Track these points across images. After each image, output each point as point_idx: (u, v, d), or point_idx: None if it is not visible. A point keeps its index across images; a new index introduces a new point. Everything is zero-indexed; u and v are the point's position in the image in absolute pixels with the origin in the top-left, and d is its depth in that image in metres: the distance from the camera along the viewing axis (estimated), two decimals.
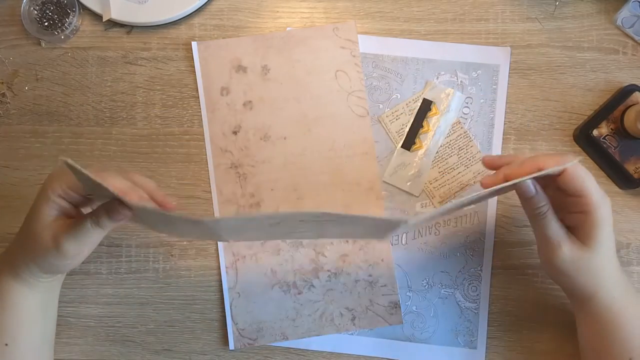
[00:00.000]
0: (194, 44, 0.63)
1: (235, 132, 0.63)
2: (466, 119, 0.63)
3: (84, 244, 0.47)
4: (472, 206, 0.62)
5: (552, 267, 0.49)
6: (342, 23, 0.63)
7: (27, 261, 0.49)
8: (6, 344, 0.50)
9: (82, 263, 0.62)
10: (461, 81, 0.63)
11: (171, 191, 0.63)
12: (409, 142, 0.62)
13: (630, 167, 0.59)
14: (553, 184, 0.48)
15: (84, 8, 0.64)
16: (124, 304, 0.62)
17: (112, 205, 0.45)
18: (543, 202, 0.48)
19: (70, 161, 0.40)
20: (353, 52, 0.63)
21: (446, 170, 0.62)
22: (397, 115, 0.63)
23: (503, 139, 0.62)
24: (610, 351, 0.49)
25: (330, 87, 0.63)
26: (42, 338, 0.53)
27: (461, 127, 0.63)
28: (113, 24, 0.64)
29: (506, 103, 0.63)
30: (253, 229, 0.49)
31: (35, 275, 0.49)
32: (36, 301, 0.51)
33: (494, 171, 0.51)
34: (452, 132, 0.62)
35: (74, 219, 0.48)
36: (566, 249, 0.47)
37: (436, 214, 0.46)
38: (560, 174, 0.47)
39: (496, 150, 0.62)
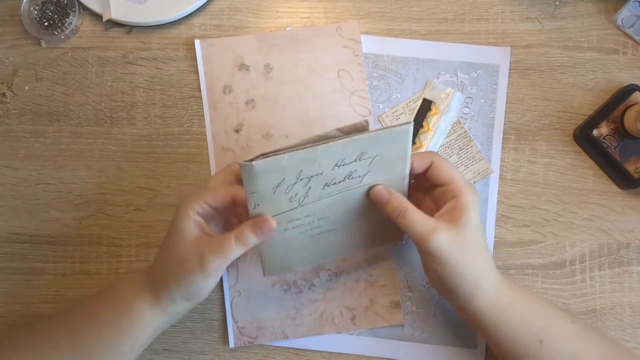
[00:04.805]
0: (197, 42, 0.63)
1: (237, 131, 0.63)
2: (466, 119, 0.63)
3: (226, 262, 0.48)
4: None
5: (430, 259, 0.48)
6: (345, 22, 0.63)
7: (171, 286, 0.49)
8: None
9: (82, 263, 0.62)
10: (461, 81, 0.63)
11: (171, 191, 0.63)
12: None
13: (630, 167, 0.59)
14: (423, 183, 0.52)
15: (84, 8, 0.64)
16: None
17: (262, 221, 0.47)
18: (400, 200, 0.49)
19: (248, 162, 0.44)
20: (356, 51, 0.63)
21: None
22: (397, 115, 0.63)
23: (503, 139, 0.62)
24: (519, 340, 0.49)
25: (333, 86, 0.63)
26: (137, 356, 0.53)
27: (461, 127, 0.63)
28: (113, 24, 0.64)
29: (506, 103, 0.63)
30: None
31: (175, 302, 0.50)
32: (156, 328, 0.51)
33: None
34: (452, 132, 0.63)
35: (215, 237, 0.49)
36: (441, 232, 0.47)
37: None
38: (428, 169, 0.50)
39: (496, 150, 0.62)
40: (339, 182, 0.48)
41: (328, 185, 0.48)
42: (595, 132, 0.60)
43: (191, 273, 0.48)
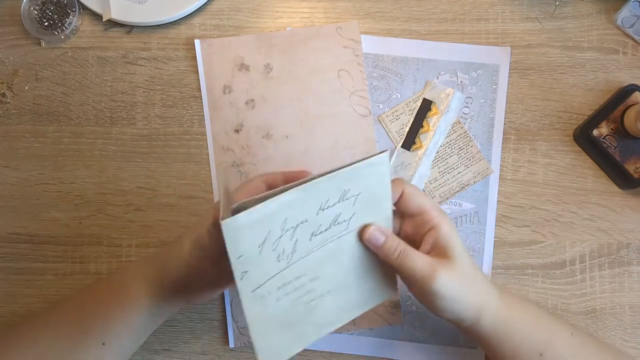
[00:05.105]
0: (197, 42, 0.63)
1: (237, 131, 0.63)
2: (466, 118, 0.63)
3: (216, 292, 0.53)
4: (473, 206, 0.62)
5: (436, 297, 0.46)
6: (345, 22, 0.63)
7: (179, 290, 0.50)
8: (103, 344, 0.50)
9: (82, 263, 0.62)
10: (461, 81, 0.63)
11: (171, 191, 0.63)
12: (409, 142, 0.62)
13: (630, 167, 0.59)
14: (399, 216, 0.49)
15: (84, 8, 0.64)
16: None
17: None
18: (396, 242, 0.46)
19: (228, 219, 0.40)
20: (356, 51, 0.63)
21: (446, 170, 0.62)
22: (397, 115, 0.63)
23: (503, 139, 0.62)
24: (521, 355, 0.49)
25: (333, 86, 0.63)
26: (133, 346, 0.53)
27: (461, 127, 0.63)
28: (113, 24, 0.64)
29: (506, 103, 0.63)
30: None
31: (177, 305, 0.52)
32: (153, 317, 0.52)
33: None
34: (452, 132, 0.63)
35: (215, 266, 0.49)
36: (441, 270, 0.45)
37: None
38: (399, 200, 0.47)
39: (496, 150, 0.62)
40: (326, 230, 0.45)
41: (315, 235, 0.44)
42: (595, 132, 0.60)
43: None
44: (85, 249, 0.63)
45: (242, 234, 0.41)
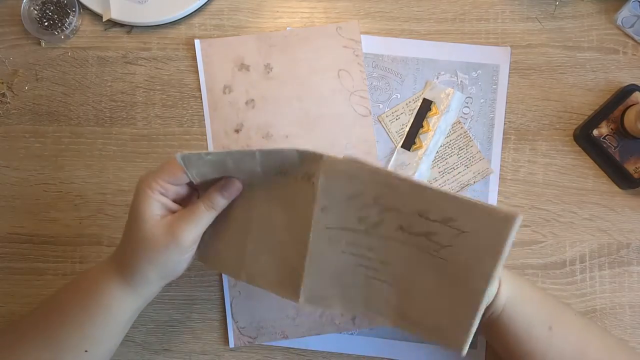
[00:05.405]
0: (196, 42, 0.63)
1: (237, 131, 0.63)
2: (466, 118, 0.63)
3: (200, 229, 0.48)
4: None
5: None
6: (345, 22, 0.63)
7: (144, 268, 0.48)
8: (86, 351, 0.49)
9: (82, 263, 0.63)
10: (461, 81, 0.63)
11: None
12: (409, 142, 0.62)
13: (630, 167, 0.59)
14: None
15: (84, 8, 0.64)
16: None
17: (227, 183, 0.48)
18: None
19: (187, 153, 0.44)
20: (356, 51, 0.63)
21: (446, 170, 0.62)
22: (397, 115, 0.63)
23: (503, 139, 0.62)
24: (532, 331, 0.49)
25: (333, 86, 0.63)
26: (114, 348, 0.52)
27: (461, 127, 0.63)
28: (113, 24, 0.64)
29: (506, 103, 0.63)
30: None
31: (151, 283, 0.49)
32: (132, 313, 0.50)
33: None
34: (452, 132, 0.63)
35: (183, 209, 0.48)
36: None
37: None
38: None
39: (496, 150, 0.62)
40: (416, 235, 0.43)
41: (402, 230, 0.44)
42: (595, 132, 0.60)
43: (166, 250, 0.47)
44: (85, 249, 0.63)
45: (340, 179, 0.43)
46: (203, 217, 0.48)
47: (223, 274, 0.62)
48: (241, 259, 0.51)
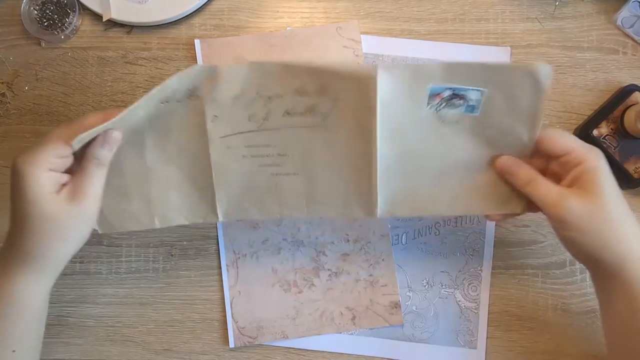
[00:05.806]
0: (196, 42, 0.63)
1: None
2: None
3: (99, 189, 0.48)
4: None
5: (561, 226, 0.46)
6: (345, 22, 0.63)
7: (53, 245, 0.47)
8: (14, 351, 0.48)
9: (82, 263, 0.62)
10: None
11: None
12: None
13: (630, 167, 0.59)
14: (545, 158, 0.49)
15: (84, 8, 0.64)
16: (123, 304, 0.62)
17: (104, 136, 0.47)
18: (527, 169, 0.48)
19: (77, 139, 0.45)
20: (356, 51, 0.63)
21: None
22: None
23: None
24: None
25: None
26: (41, 335, 0.51)
27: None
28: (113, 24, 0.64)
29: None
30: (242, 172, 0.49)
31: (61, 259, 0.48)
32: (43, 296, 0.49)
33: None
34: None
35: (73, 177, 0.47)
36: (572, 198, 0.45)
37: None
38: (541, 142, 0.48)
39: None
40: (301, 115, 0.47)
41: (289, 114, 0.46)
42: (595, 132, 0.60)
43: (76, 220, 0.47)
44: (85, 249, 0.62)
45: (221, 83, 0.45)
46: (96, 176, 0.47)
47: (224, 273, 0.62)
48: (148, 205, 0.52)
